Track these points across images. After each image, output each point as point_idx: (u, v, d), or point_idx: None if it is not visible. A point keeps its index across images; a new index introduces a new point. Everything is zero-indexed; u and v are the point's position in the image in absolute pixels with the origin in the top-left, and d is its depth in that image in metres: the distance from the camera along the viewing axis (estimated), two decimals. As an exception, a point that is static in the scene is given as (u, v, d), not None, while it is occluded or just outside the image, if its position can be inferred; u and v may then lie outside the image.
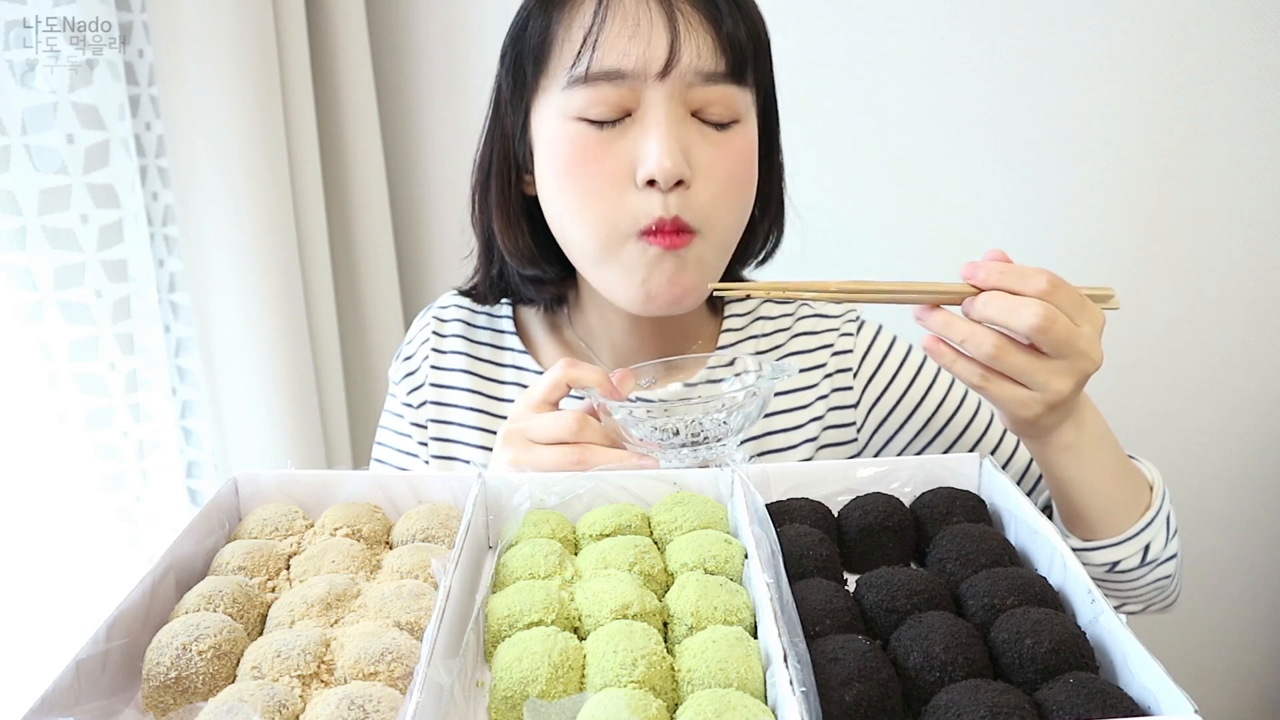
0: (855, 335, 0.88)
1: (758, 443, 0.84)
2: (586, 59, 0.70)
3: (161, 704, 0.47)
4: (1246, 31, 1.15)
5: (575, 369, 0.70)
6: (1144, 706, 0.43)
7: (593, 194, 0.72)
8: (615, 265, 0.74)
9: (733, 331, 0.89)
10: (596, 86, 0.70)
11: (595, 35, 0.70)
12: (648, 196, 0.71)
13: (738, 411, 0.67)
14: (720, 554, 0.56)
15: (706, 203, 0.72)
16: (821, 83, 1.34)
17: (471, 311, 0.92)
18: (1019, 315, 0.60)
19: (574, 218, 0.74)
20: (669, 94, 0.70)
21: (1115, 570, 0.73)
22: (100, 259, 1.15)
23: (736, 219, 0.77)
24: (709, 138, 0.72)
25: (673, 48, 0.69)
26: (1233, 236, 1.22)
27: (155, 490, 1.25)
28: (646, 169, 0.70)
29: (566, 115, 0.72)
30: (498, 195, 0.81)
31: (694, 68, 0.70)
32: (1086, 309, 0.62)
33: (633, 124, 0.71)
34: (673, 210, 0.70)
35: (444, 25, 1.53)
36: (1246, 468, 1.28)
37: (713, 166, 0.72)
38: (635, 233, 0.72)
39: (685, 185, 0.71)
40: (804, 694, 0.42)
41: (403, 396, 0.91)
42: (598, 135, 0.71)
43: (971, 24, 1.26)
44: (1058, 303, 0.60)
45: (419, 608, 0.52)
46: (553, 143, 0.74)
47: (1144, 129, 1.22)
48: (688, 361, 0.82)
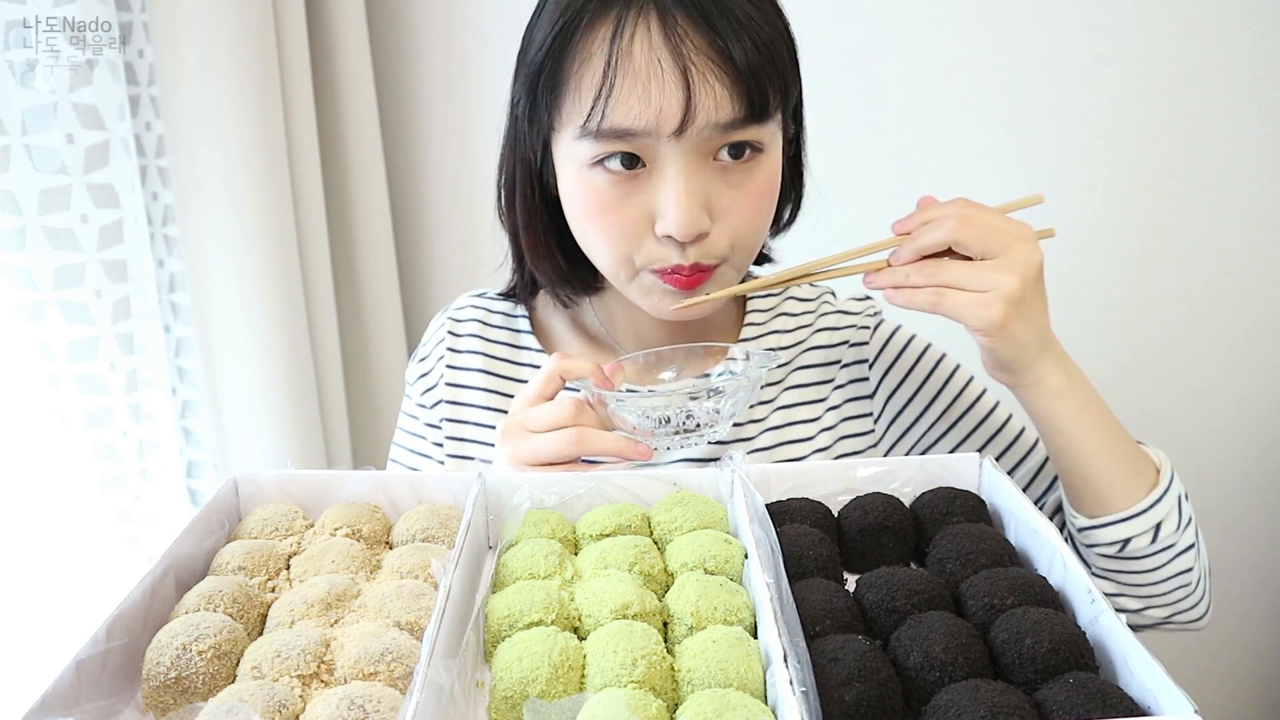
0: (872, 330, 0.89)
1: (777, 433, 0.85)
2: (598, 119, 0.68)
3: (161, 704, 0.47)
4: (1246, 31, 1.15)
5: (567, 360, 0.71)
6: (1144, 706, 0.43)
7: (613, 238, 0.73)
8: (634, 287, 0.76)
9: (755, 325, 0.90)
10: (609, 143, 0.69)
11: (605, 95, 0.67)
12: (666, 245, 0.72)
13: (728, 399, 0.68)
14: (720, 554, 0.56)
15: (728, 238, 0.73)
16: (821, 83, 1.34)
17: (487, 312, 0.93)
18: (937, 233, 0.68)
19: (595, 251, 0.76)
20: (685, 149, 0.68)
21: (1127, 551, 0.72)
22: (100, 259, 1.15)
23: (758, 240, 0.77)
24: (730, 179, 0.71)
25: (687, 107, 0.66)
26: (1233, 236, 1.22)
27: (155, 490, 1.25)
28: (664, 226, 0.70)
29: (583, 162, 0.71)
30: (523, 206, 0.81)
31: (711, 122, 0.67)
32: (1006, 217, 0.69)
33: (650, 175, 0.70)
34: (691, 259, 0.71)
35: (444, 26, 1.52)
36: (1247, 468, 1.28)
37: (734, 207, 0.72)
38: (651, 269, 0.73)
39: (705, 235, 0.71)
40: (804, 694, 0.42)
41: (417, 398, 0.92)
42: (616, 186, 0.71)
43: (971, 23, 1.26)
44: (970, 214, 0.68)
45: (419, 608, 0.52)
46: (572, 185, 0.73)
47: (1144, 129, 1.22)
48: (699, 353, 0.82)
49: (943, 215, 0.68)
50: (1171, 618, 0.76)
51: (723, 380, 0.70)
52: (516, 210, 0.82)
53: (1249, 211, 1.21)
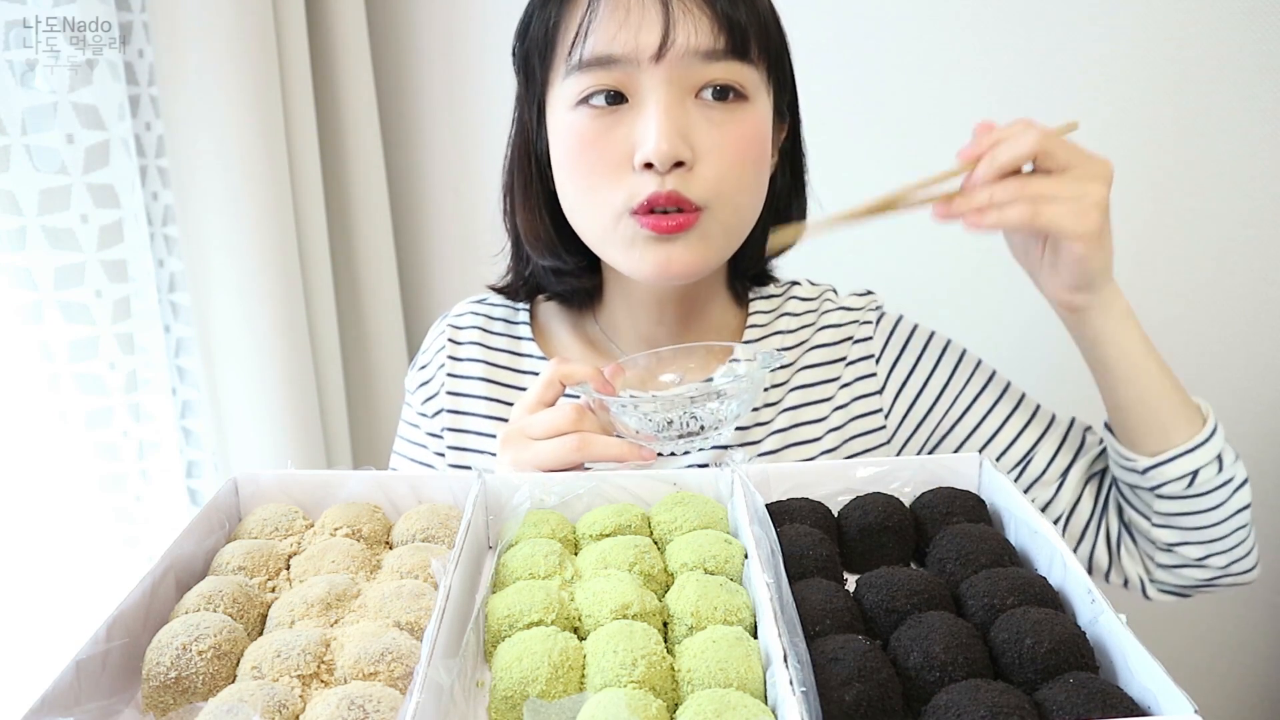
0: (875, 324, 0.88)
1: (783, 435, 0.84)
2: (580, 47, 0.71)
3: (161, 704, 0.47)
4: (1246, 31, 1.15)
5: (566, 365, 0.71)
6: (1144, 706, 0.43)
7: (596, 177, 0.73)
8: (616, 242, 0.75)
9: (758, 327, 0.89)
10: (591, 73, 0.71)
11: (587, 24, 0.70)
12: (645, 178, 0.71)
13: (731, 400, 0.67)
14: (720, 554, 0.56)
15: (711, 180, 0.71)
16: (821, 83, 1.34)
17: (488, 319, 0.92)
18: (1020, 145, 0.66)
19: (579, 201, 0.76)
20: (666, 77, 0.70)
21: (1196, 485, 0.72)
22: (100, 259, 1.15)
23: (748, 197, 0.76)
24: (713, 118, 0.72)
25: (666, 30, 0.69)
26: (1232, 236, 1.22)
27: (155, 490, 1.25)
28: (643, 152, 0.70)
29: (569, 104, 0.73)
30: (521, 191, 0.82)
31: (690, 47, 0.69)
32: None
33: (632, 109, 0.72)
34: (668, 187, 0.70)
35: (444, 25, 1.52)
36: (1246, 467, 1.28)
37: (718, 147, 0.71)
38: (629, 210, 0.72)
39: (686, 166, 0.71)
40: (804, 694, 0.42)
41: (418, 407, 0.92)
42: (599, 121, 0.72)
43: (971, 23, 1.26)
44: (1041, 129, 0.66)
45: (419, 608, 0.52)
46: (559, 131, 0.75)
47: (1144, 129, 1.22)
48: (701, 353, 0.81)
49: (1017, 131, 0.66)
50: (1230, 566, 0.76)
51: (726, 383, 0.70)
52: (515, 194, 0.83)
53: (1248, 211, 1.21)
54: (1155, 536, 0.76)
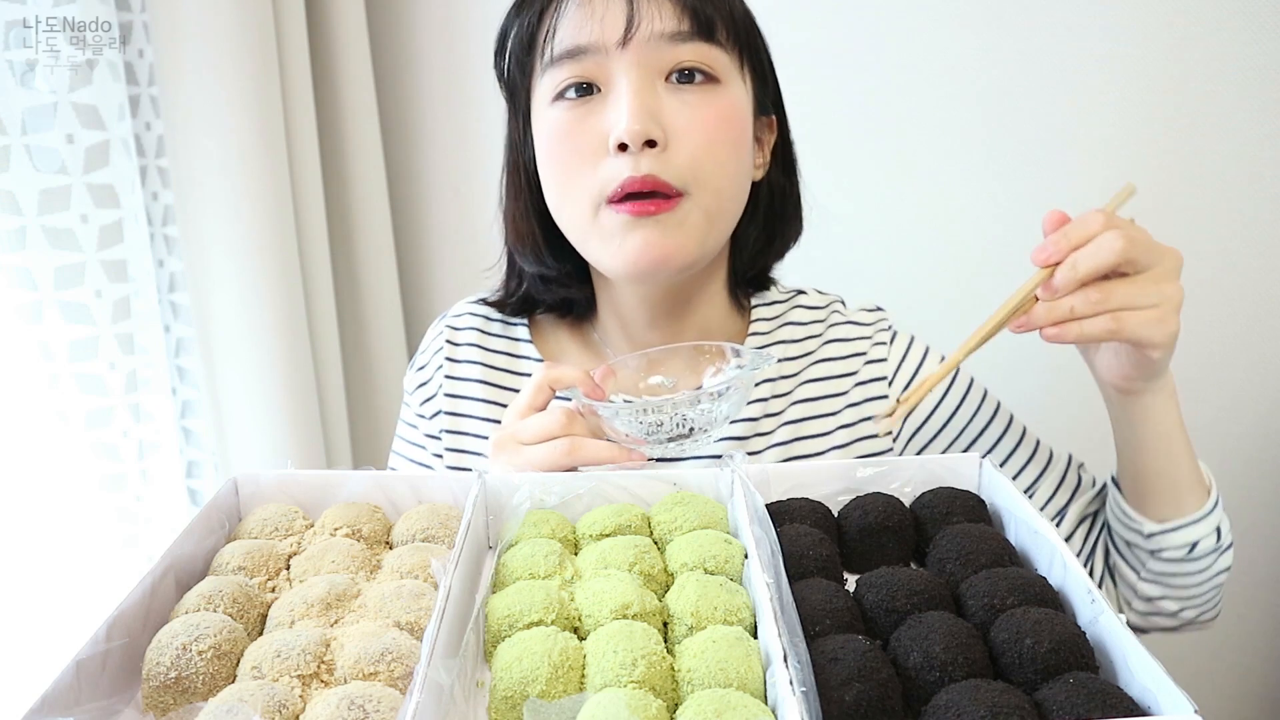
0: (889, 344, 0.86)
1: (784, 449, 0.83)
2: (551, 42, 0.73)
3: (161, 704, 0.47)
4: (1246, 31, 1.15)
5: (556, 369, 0.71)
6: (1144, 706, 0.42)
7: (573, 169, 0.73)
8: (596, 234, 0.74)
9: (761, 335, 0.87)
10: (563, 66, 0.72)
11: (556, 19, 0.73)
12: (620, 161, 0.71)
13: (721, 402, 0.67)
14: (720, 554, 0.56)
15: (687, 161, 0.71)
16: (821, 83, 1.34)
17: (486, 320, 0.92)
18: (1104, 254, 0.62)
19: (560, 194, 0.76)
20: (634, 61, 0.71)
21: (1194, 553, 0.72)
22: (100, 259, 1.15)
23: (727, 181, 0.74)
24: (685, 99, 0.72)
25: (631, 16, 0.70)
26: (1232, 236, 1.22)
27: (155, 490, 1.25)
28: (615, 133, 0.70)
29: (546, 102, 0.75)
30: (512, 202, 0.83)
31: (655, 31, 0.70)
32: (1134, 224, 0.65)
33: (604, 97, 0.73)
34: (644, 169, 0.70)
35: (444, 26, 1.53)
36: (1245, 467, 1.28)
37: (691, 127, 0.71)
38: (606, 198, 0.72)
39: (659, 146, 0.70)
40: (804, 694, 0.42)
41: (416, 408, 0.91)
42: (573, 112, 0.73)
43: (971, 23, 1.26)
44: (1122, 228, 0.62)
45: (419, 608, 0.52)
46: (539, 131, 0.76)
47: (1144, 128, 1.22)
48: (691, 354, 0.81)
49: (1097, 234, 0.63)
50: (1199, 617, 0.78)
51: (715, 384, 0.69)
52: (507, 205, 0.84)
53: (1248, 211, 1.21)
54: (1140, 590, 0.78)
